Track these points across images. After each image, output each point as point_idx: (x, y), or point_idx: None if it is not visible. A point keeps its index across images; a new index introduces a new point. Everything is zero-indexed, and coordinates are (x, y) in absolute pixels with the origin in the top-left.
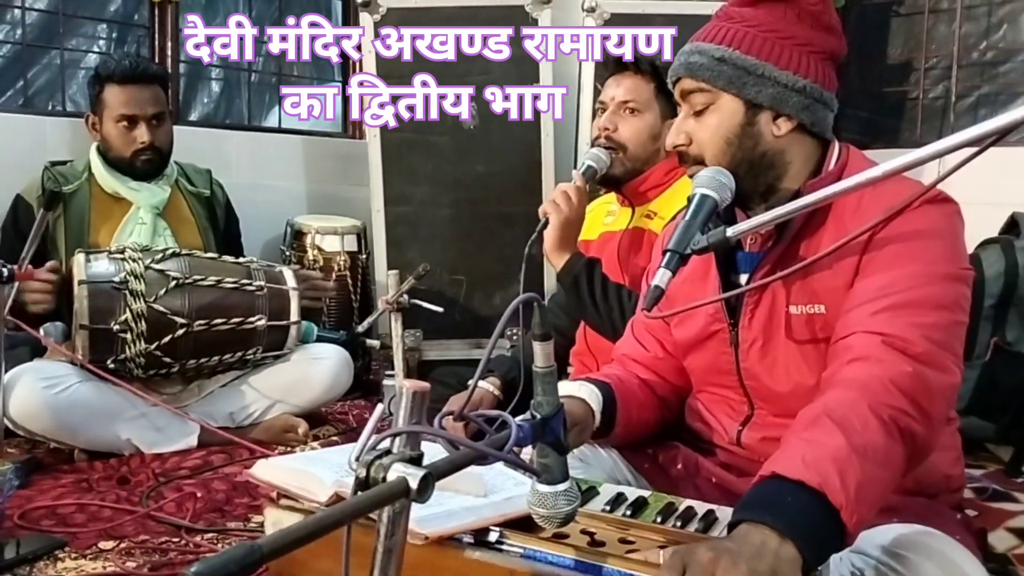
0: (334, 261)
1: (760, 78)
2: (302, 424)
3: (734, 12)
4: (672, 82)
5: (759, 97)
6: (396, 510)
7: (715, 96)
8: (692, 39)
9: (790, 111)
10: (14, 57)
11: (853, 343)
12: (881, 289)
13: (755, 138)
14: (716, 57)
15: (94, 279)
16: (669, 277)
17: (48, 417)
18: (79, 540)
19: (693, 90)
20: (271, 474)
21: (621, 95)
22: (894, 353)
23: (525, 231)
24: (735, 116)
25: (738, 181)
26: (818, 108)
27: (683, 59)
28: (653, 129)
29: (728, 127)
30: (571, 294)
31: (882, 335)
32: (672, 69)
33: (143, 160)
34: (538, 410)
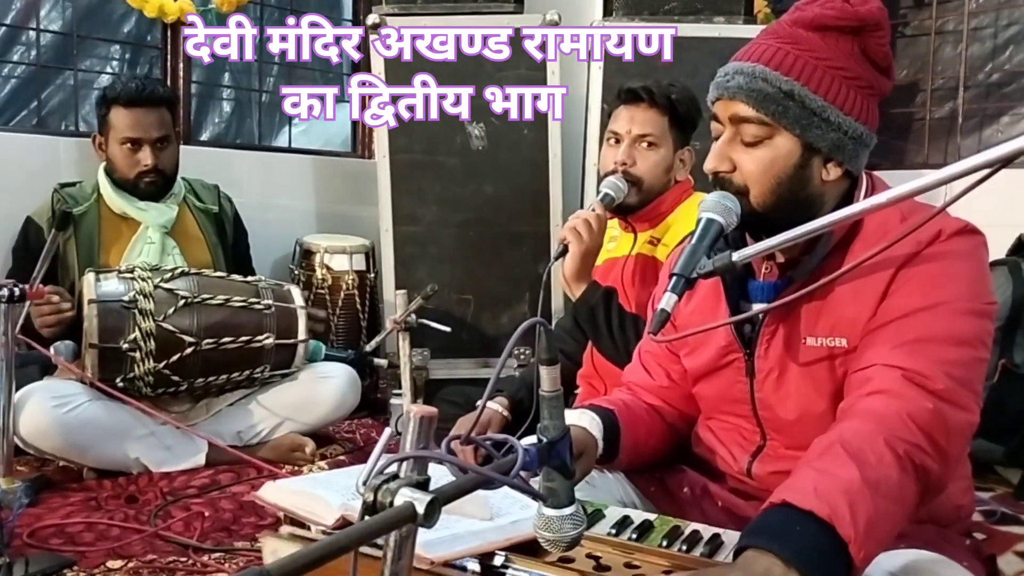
0: (342, 280)
1: (825, 122)
2: (309, 443)
3: (799, 35)
4: (717, 100)
5: (819, 142)
6: (403, 534)
7: (773, 131)
8: (749, 56)
9: (843, 158)
10: (28, 78)
11: (872, 375)
12: (903, 322)
13: (804, 181)
14: (784, 91)
15: (104, 298)
16: (675, 301)
17: (58, 436)
18: (87, 559)
19: (750, 119)
20: (278, 496)
21: (638, 128)
22: (914, 388)
23: (532, 251)
24: (791, 157)
25: (773, 217)
26: (864, 153)
27: (743, 82)
28: (667, 162)
29: (782, 167)
30: (588, 324)
31: (902, 369)
32: (726, 87)
33: (147, 182)
34: (544, 434)
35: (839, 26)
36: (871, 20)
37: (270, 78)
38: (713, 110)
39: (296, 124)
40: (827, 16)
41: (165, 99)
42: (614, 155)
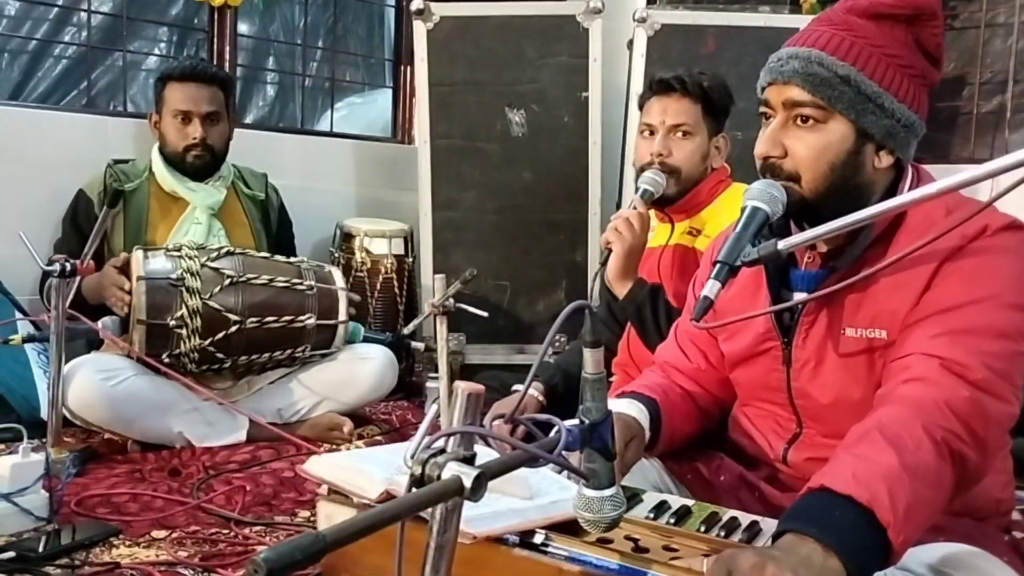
0: (381, 264)
1: (880, 109)
2: (347, 423)
3: (854, 22)
4: (770, 84)
5: (872, 128)
6: (449, 508)
7: (827, 115)
8: (803, 41)
9: (895, 146)
10: (79, 59)
11: (910, 363)
12: (945, 312)
13: (856, 168)
14: (840, 75)
15: (152, 276)
16: (718, 288)
17: (104, 408)
18: (133, 528)
19: (805, 103)
20: (323, 470)
21: (672, 119)
22: (952, 377)
23: (570, 239)
24: (844, 142)
25: (822, 205)
26: (914, 142)
27: (799, 66)
28: (703, 150)
29: (836, 152)
30: (635, 321)
31: (940, 358)
32: (780, 72)
33: (194, 155)
34: (587, 416)
35: (894, 14)
36: (927, 9)
37: (313, 62)
38: (764, 95)
39: (338, 108)
40: (883, 4)
41: (219, 78)
42: (649, 147)
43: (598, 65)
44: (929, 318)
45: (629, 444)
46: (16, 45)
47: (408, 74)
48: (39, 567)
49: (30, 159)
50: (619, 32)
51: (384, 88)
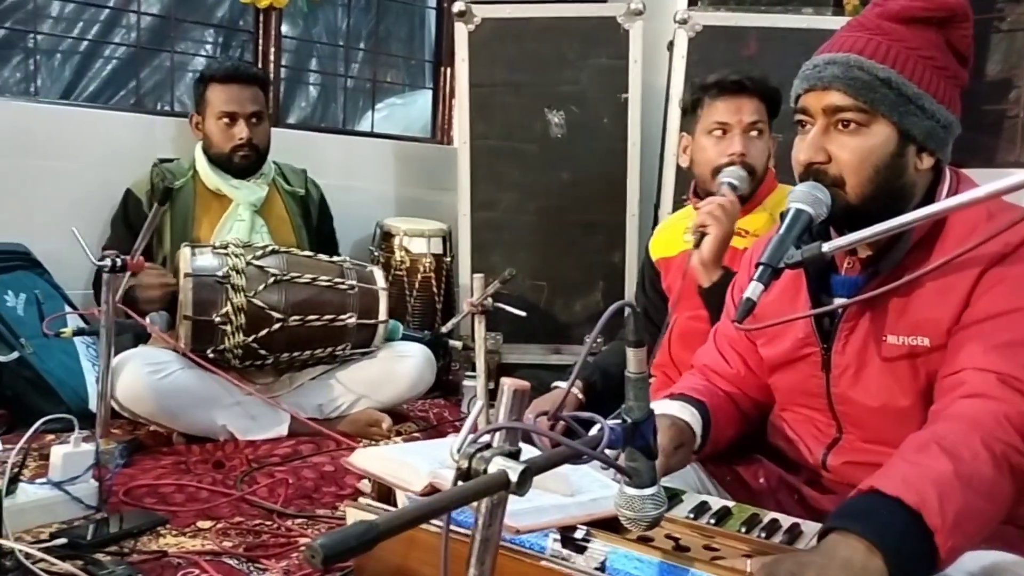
0: (420, 263)
1: (921, 110)
2: (386, 419)
3: (887, 27)
4: (808, 91)
5: (915, 129)
6: (494, 501)
7: (870, 119)
8: (838, 47)
9: (935, 147)
10: (128, 59)
11: (966, 379)
12: (994, 323)
13: (900, 170)
14: (880, 78)
15: (199, 272)
16: (761, 290)
17: (151, 400)
18: (178, 518)
19: (847, 107)
20: (368, 462)
21: (749, 116)
22: (1010, 392)
23: (608, 240)
24: (888, 144)
25: (866, 209)
26: (951, 143)
27: (838, 71)
28: (769, 149)
29: (880, 155)
30: (714, 311)
31: (997, 373)
32: (819, 77)
33: (241, 156)
34: (629, 415)
35: (927, 17)
36: (959, 11)
37: (355, 64)
38: (802, 102)
39: (378, 109)
40: (915, 8)
41: (259, 78)
42: (723, 147)
43: (638, 67)
44: (978, 327)
45: (678, 449)
46: (68, 46)
47: (448, 75)
48: (89, 554)
49: (80, 157)
50: (659, 34)
51: (424, 89)
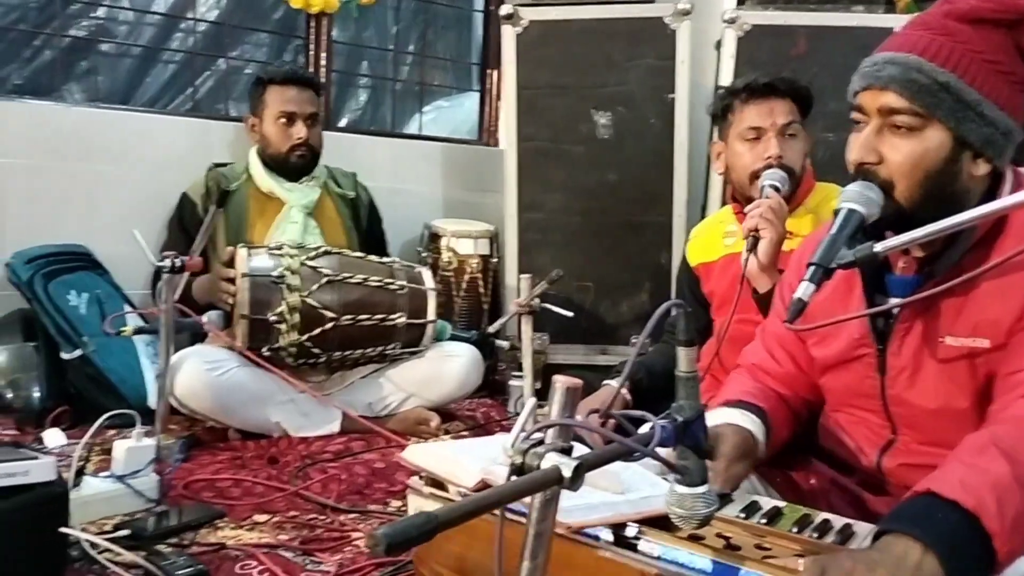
0: (467, 263)
1: (980, 117)
2: (434, 418)
3: (953, 27)
4: (865, 89)
5: (971, 136)
6: (547, 497)
7: (925, 123)
8: (900, 46)
9: (993, 153)
10: (184, 64)
11: None
12: None
13: (953, 176)
14: (940, 83)
15: (255, 273)
16: (812, 290)
17: (209, 397)
18: (236, 512)
19: (902, 110)
20: (421, 458)
21: (783, 119)
22: None
23: (654, 241)
24: (941, 150)
25: (916, 213)
26: (1011, 149)
27: (896, 72)
28: (806, 149)
29: (932, 160)
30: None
31: None
32: (877, 77)
33: (298, 156)
34: (680, 413)
35: (996, 19)
36: None
37: (404, 67)
38: (858, 100)
39: (425, 111)
40: (984, 8)
41: (314, 82)
42: (759, 151)
43: (685, 67)
44: None
45: (742, 459)
46: (128, 52)
47: (495, 77)
48: (151, 545)
49: (139, 162)
50: (707, 33)
51: (471, 91)
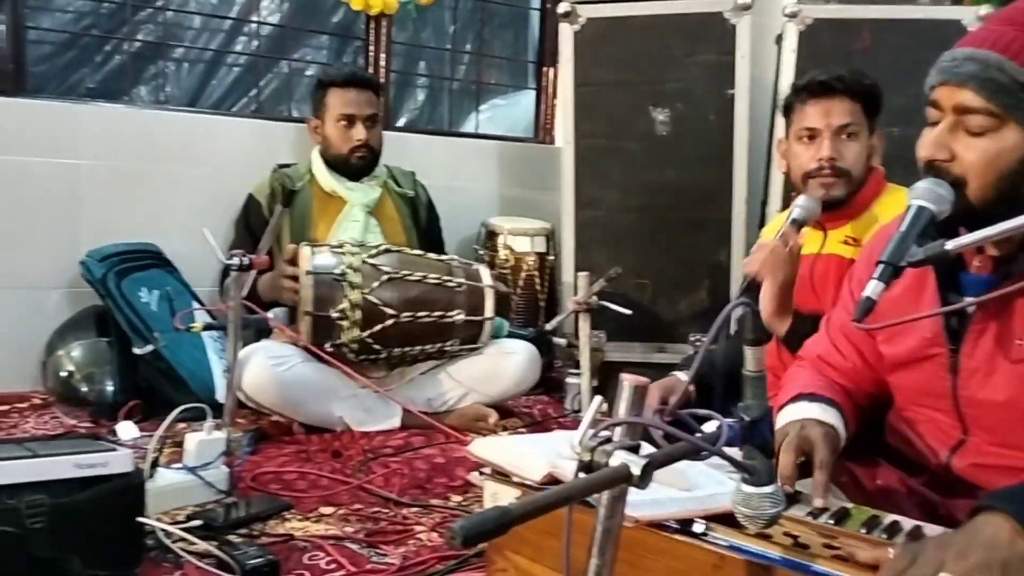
0: (523, 261)
1: None
2: (493, 414)
3: None
4: (941, 85)
5: None
6: (615, 494)
7: (1001, 123)
8: (981, 42)
9: None
10: (248, 67)
11: None
12: None
13: None
14: (1021, 83)
15: (318, 270)
16: (881, 289)
17: (275, 392)
18: (302, 504)
19: (978, 109)
20: (488, 452)
21: (839, 119)
22: None
23: (713, 238)
24: (1017, 150)
25: (988, 213)
26: None
27: (975, 69)
28: (867, 150)
29: (1007, 160)
30: (796, 349)
31: None
32: (954, 73)
33: (358, 157)
34: (746, 413)
35: None
36: None
37: (461, 66)
38: (933, 95)
39: (482, 110)
40: None
41: (373, 83)
42: (812, 152)
43: (745, 62)
44: None
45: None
46: (194, 55)
47: (551, 75)
48: (222, 535)
49: (205, 162)
50: (767, 28)
51: (527, 89)
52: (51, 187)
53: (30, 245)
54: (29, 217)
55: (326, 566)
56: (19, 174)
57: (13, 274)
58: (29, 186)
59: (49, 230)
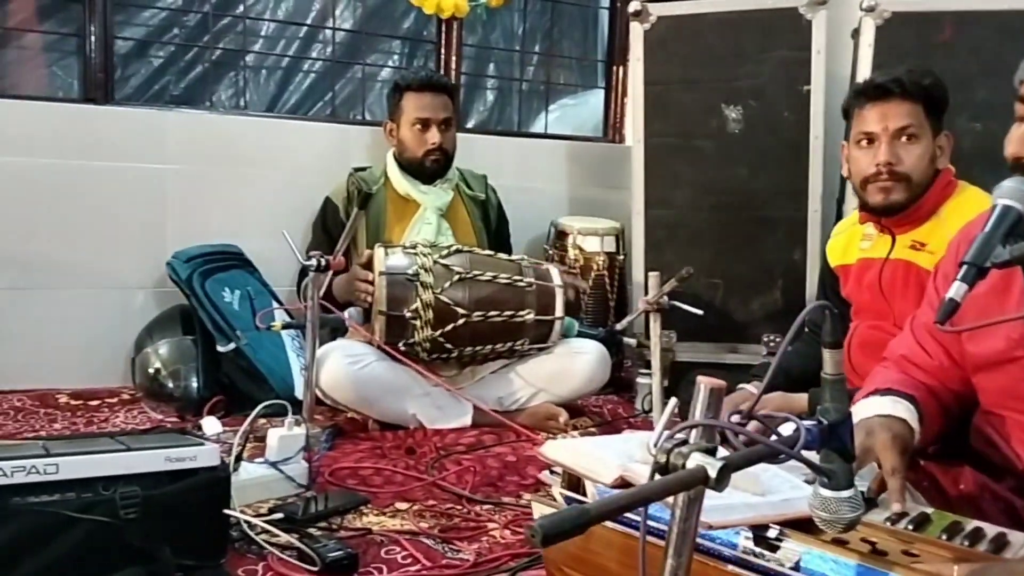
0: (593, 261)
1: None
2: (563, 413)
3: None
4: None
5: None
6: (691, 496)
7: None
8: None
9: None
10: (323, 72)
11: None
12: None
13: None
14: None
15: (391, 271)
16: (965, 291)
17: (351, 389)
18: (378, 499)
19: None
20: (559, 454)
21: (895, 123)
22: None
23: (788, 237)
24: None
25: None
26: None
27: None
28: (930, 152)
29: None
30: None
31: None
32: None
33: (432, 160)
34: (825, 416)
35: None
36: None
37: (530, 66)
38: (1022, 90)
39: (551, 110)
40: None
41: (448, 87)
42: (871, 158)
43: (821, 57)
44: None
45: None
46: (272, 61)
47: (620, 74)
48: (303, 528)
49: (283, 165)
50: (843, 22)
51: (595, 89)
52: (139, 191)
53: (119, 247)
54: (118, 220)
55: (402, 560)
56: (109, 179)
57: (104, 275)
58: (118, 190)
59: (137, 232)
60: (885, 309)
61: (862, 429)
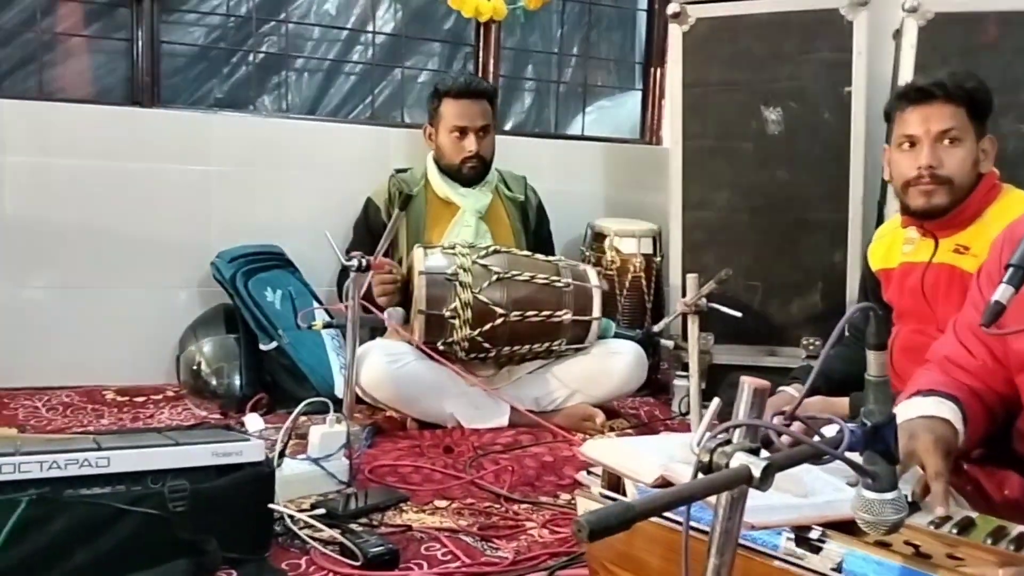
0: (630, 262)
1: None
2: (599, 414)
3: None
4: None
5: None
6: (735, 495)
7: None
8: None
9: None
10: (364, 75)
11: None
12: None
13: None
14: None
15: (431, 271)
16: (1011, 293)
17: (390, 388)
18: (417, 497)
19: None
20: (600, 453)
21: (937, 126)
22: None
23: (828, 239)
24: None
25: None
26: None
27: None
28: (973, 155)
29: None
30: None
31: None
32: None
33: (469, 167)
34: (869, 418)
35: None
36: None
37: (568, 68)
38: None
39: (588, 112)
40: None
41: (488, 92)
42: (912, 161)
43: (862, 59)
44: None
45: (950, 457)
46: (314, 64)
47: (658, 76)
48: (344, 523)
49: (324, 167)
50: (884, 24)
51: (632, 91)
52: (183, 192)
53: (165, 247)
54: (163, 221)
55: (442, 557)
56: (155, 180)
57: (149, 274)
58: (164, 192)
59: (182, 233)
60: (928, 314)
61: (905, 431)
